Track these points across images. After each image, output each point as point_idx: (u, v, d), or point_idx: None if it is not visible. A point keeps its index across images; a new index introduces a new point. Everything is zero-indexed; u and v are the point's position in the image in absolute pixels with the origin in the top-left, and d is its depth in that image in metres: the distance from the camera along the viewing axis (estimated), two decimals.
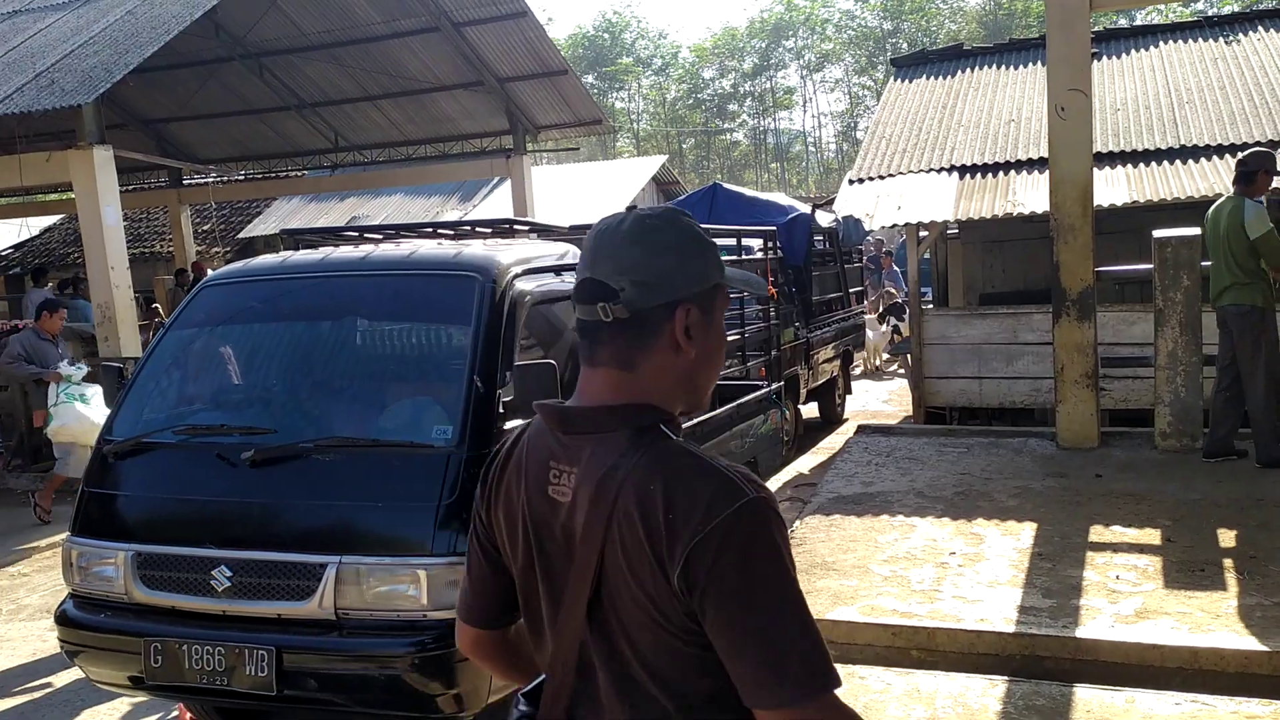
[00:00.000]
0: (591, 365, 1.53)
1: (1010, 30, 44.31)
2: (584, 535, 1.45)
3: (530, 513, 1.55)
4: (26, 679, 5.57)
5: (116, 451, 4.18)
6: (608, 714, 1.48)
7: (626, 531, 1.40)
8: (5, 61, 10.85)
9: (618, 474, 1.43)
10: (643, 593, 1.40)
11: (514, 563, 1.61)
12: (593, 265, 1.52)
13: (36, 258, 23.91)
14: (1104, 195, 8.82)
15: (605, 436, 1.47)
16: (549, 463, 1.53)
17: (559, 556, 1.51)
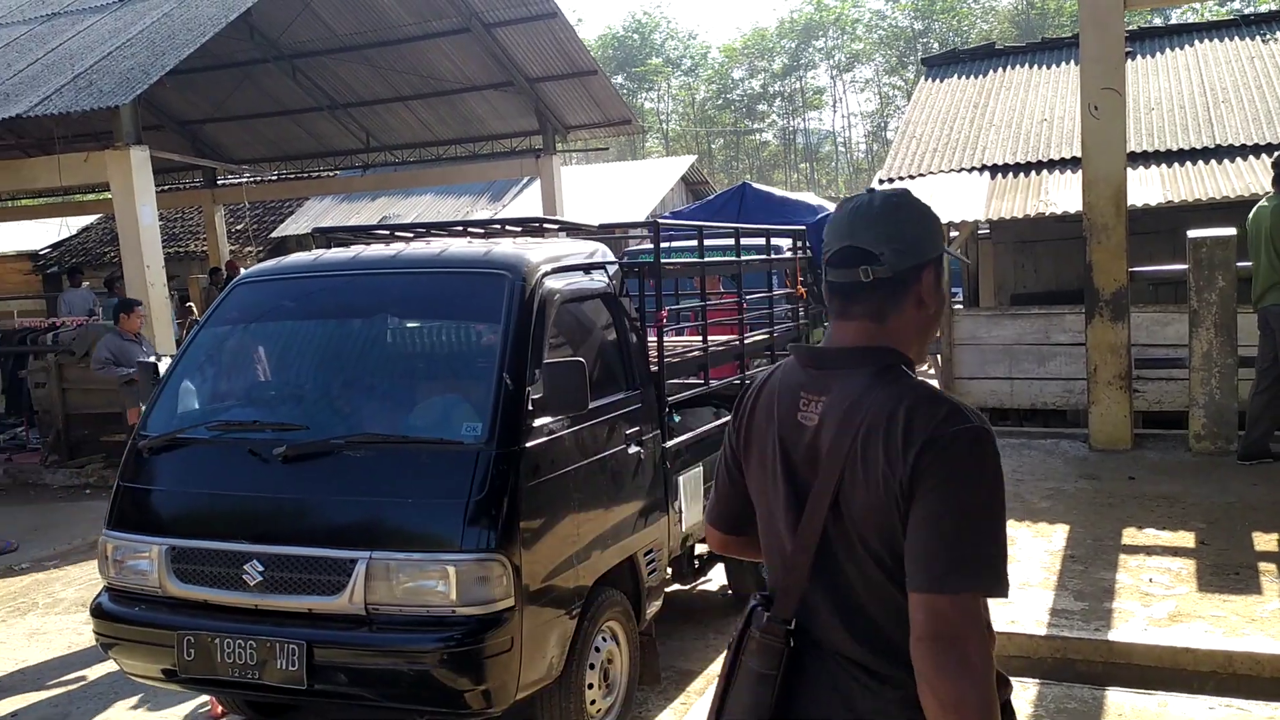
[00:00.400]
0: (844, 319, 1.82)
1: (1043, 30, 43.94)
2: (830, 451, 1.73)
3: (780, 435, 1.84)
4: (62, 671, 5.65)
5: (151, 447, 4.23)
6: (842, 598, 1.75)
7: (869, 446, 1.67)
8: (44, 63, 11.00)
9: (863, 401, 1.71)
10: (875, 497, 1.67)
11: (755, 479, 1.91)
12: (851, 235, 1.79)
13: (74, 257, 24.21)
14: (1138, 195, 8.74)
15: (852, 372, 1.77)
16: (799, 393, 1.82)
17: (803, 471, 1.79)
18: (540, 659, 3.81)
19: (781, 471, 1.83)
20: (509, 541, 3.65)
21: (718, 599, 6.29)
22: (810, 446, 1.78)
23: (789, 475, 1.82)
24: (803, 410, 1.80)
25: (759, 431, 1.91)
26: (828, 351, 1.83)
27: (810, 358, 1.85)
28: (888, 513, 1.66)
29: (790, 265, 7.45)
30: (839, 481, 1.71)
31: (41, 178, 11.40)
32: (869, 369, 1.75)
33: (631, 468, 4.50)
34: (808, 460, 1.79)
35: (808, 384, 1.82)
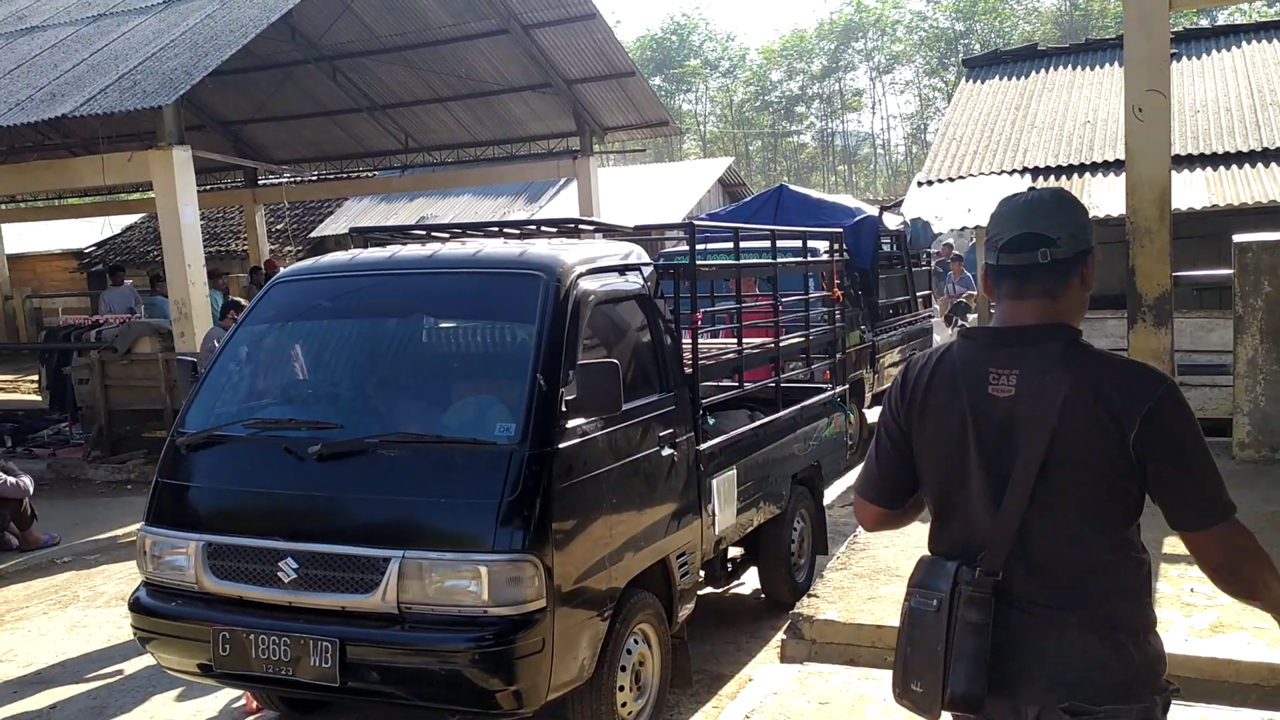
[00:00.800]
0: (1018, 298, 2.05)
1: (1086, 31, 43.43)
2: (1035, 417, 1.95)
3: (971, 408, 2.03)
4: (101, 664, 5.72)
5: (189, 444, 4.28)
6: (1035, 548, 1.98)
7: (1083, 412, 1.92)
8: (90, 64, 11.16)
9: (1059, 373, 1.95)
10: (1095, 457, 1.92)
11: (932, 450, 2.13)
12: (1028, 223, 2.04)
13: (118, 255, 24.59)
14: (1182, 198, 8.62)
15: (1040, 347, 2.00)
16: (987, 369, 2.03)
17: (996, 439, 2.01)
18: (572, 660, 3.81)
19: (974, 440, 2.04)
20: (541, 542, 3.65)
21: (750, 602, 6.26)
22: (1006, 417, 2.00)
23: (980, 443, 2.03)
24: (993, 384, 2.02)
25: (939, 406, 2.10)
26: (1010, 330, 2.05)
27: (993, 336, 2.08)
28: (1114, 466, 1.93)
29: (827, 268, 7.40)
30: (1049, 444, 1.94)
31: (86, 177, 11.57)
32: (1057, 343, 2.00)
33: (664, 470, 4.49)
34: (1003, 428, 2.00)
35: (995, 360, 2.03)
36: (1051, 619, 1.99)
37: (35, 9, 13.79)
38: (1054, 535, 1.99)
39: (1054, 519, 1.98)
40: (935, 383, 2.12)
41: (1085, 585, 1.99)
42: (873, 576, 5.46)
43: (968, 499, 2.07)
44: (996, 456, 2.01)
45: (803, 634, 4.99)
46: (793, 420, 6.11)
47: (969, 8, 55.13)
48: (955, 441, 2.07)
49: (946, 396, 2.09)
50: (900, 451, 2.20)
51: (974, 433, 2.04)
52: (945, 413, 2.09)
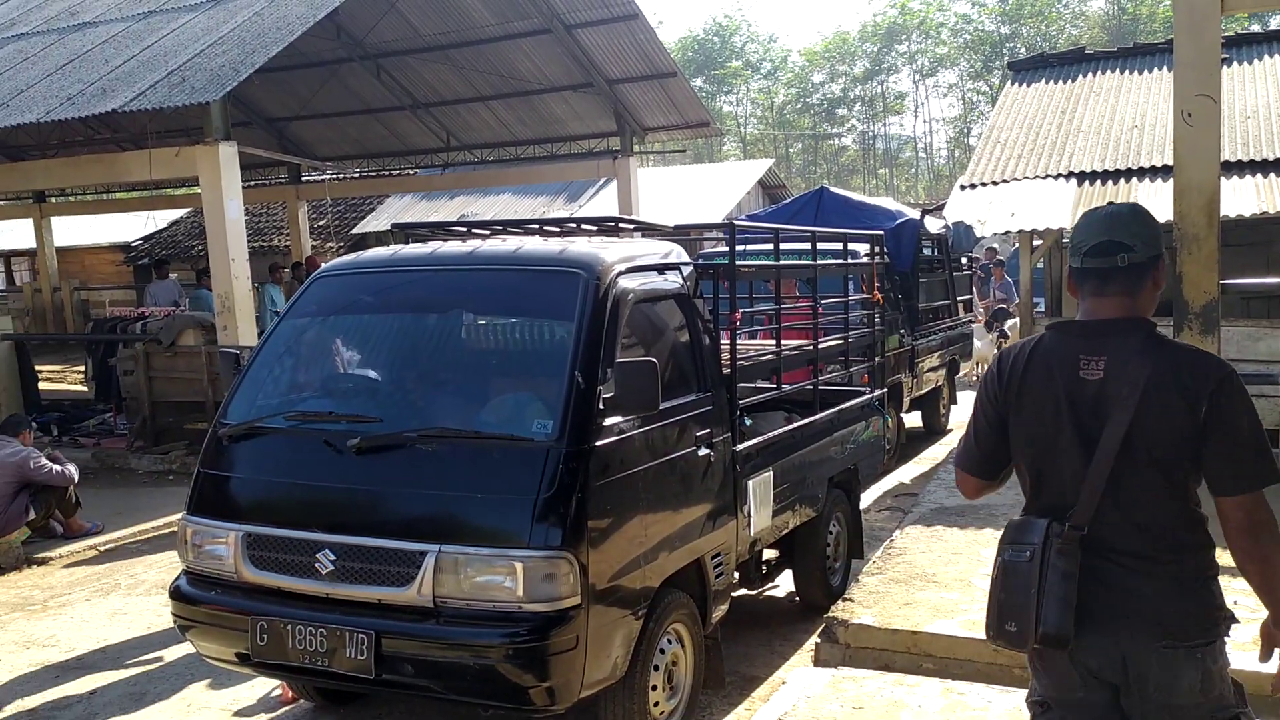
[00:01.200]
0: (1101, 296, 2.44)
1: (1134, 35, 42.83)
2: (1122, 396, 2.33)
3: (1065, 389, 2.42)
4: (141, 651, 5.80)
5: (230, 435, 4.32)
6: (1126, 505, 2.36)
7: (1166, 390, 2.31)
8: (139, 60, 11.31)
9: (1141, 358, 2.34)
10: (1170, 428, 2.31)
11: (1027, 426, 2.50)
12: (1109, 232, 2.42)
13: (163, 249, 24.94)
14: (1231, 205, 8.48)
15: (1123, 338, 2.39)
16: (1078, 356, 2.42)
17: (1088, 415, 2.39)
18: (605, 658, 3.81)
19: (1068, 416, 2.42)
20: (577, 540, 3.66)
21: (784, 605, 6.24)
22: (1096, 395, 2.39)
23: (1075, 419, 2.41)
24: (1084, 368, 2.41)
25: (1036, 389, 2.48)
26: (1095, 323, 2.45)
27: (1081, 329, 2.47)
28: (1186, 437, 2.31)
29: (867, 270, 7.36)
30: (1137, 417, 2.32)
31: (134, 171, 11.73)
32: (1138, 335, 2.39)
33: (701, 470, 4.48)
34: (1094, 405, 2.39)
35: (1084, 348, 2.43)
36: (1144, 569, 2.37)
37: (88, 5, 14.00)
38: (1138, 493, 2.37)
39: (1137, 478, 2.36)
40: (1031, 369, 2.50)
41: (1170, 538, 2.38)
42: (908, 582, 5.42)
43: (1060, 467, 2.45)
44: (1088, 429, 2.40)
45: (837, 638, 4.97)
46: (830, 423, 6.08)
47: (1014, 11, 54.58)
48: (1051, 418, 2.46)
49: (1043, 380, 2.47)
50: (998, 431, 2.58)
51: (1068, 410, 2.43)
52: (1042, 394, 2.47)
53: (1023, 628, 2.41)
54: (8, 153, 15.67)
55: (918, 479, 9.18)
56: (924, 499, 7.06)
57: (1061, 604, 2.34)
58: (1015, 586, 2.43)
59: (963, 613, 4.95)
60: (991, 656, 4.61)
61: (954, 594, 5.20)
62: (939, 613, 4.96)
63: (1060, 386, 2.44)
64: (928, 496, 7.08)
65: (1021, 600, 2.40)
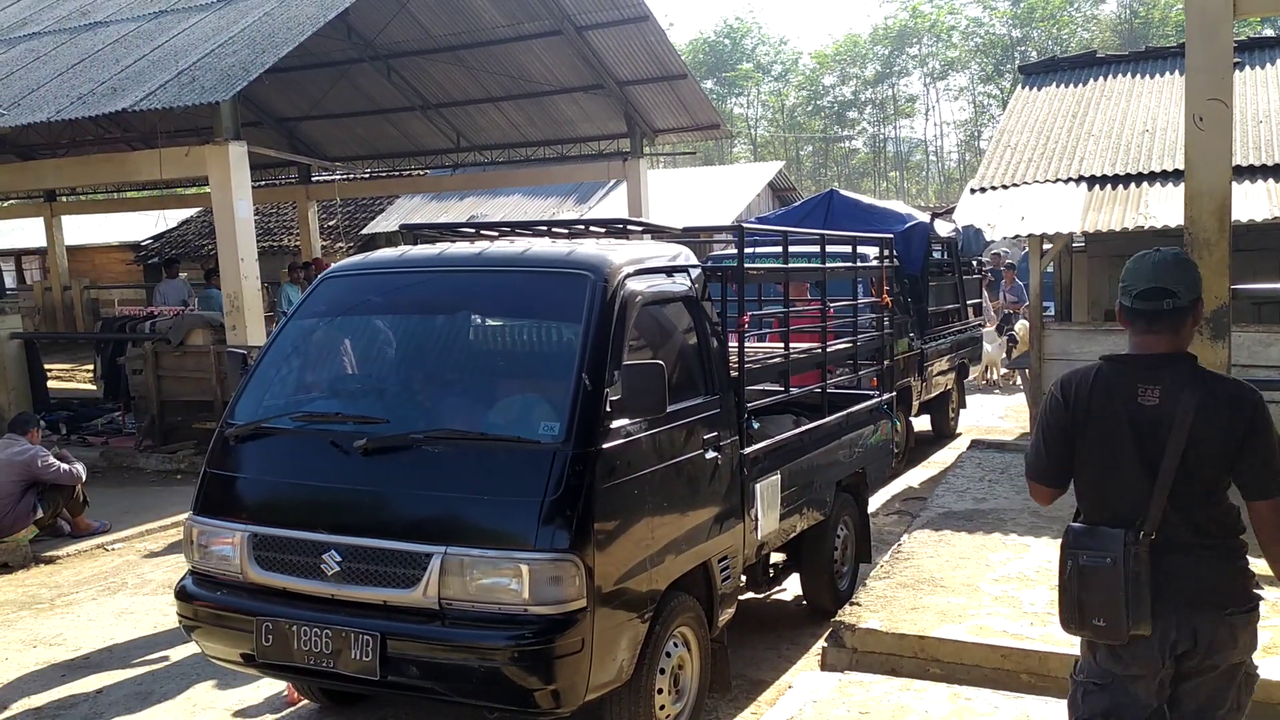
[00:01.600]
0: (1149, 334, 2.85)
1: (1146, 39, 42.69)
2: (1178, 419, 2.75)
3: (1127, 415, 2.83)
4: (147, 650, 5.81)
5: (237, 435, 4.32)
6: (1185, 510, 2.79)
7: (1212, 414, 2.75)
8: (150, 59, 11.34)
9: (1192, 386, 2.77)
10: (1218, 446, 2.75)
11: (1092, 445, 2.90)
12: (1156, 279, 2.83)
13: (173, 248, 25.01)
14: (1243, 210, 8.44)
15: (1174, 369, 2.82)
16: (1136, 385, 2.83)
17: (1147, 434, 2.81)
18: (610, 661, 3.80)
19: (1130, 436, 2.83)
20: (583, 542, 3.65)
21: (791, 609, 6.22)
22: (1153, 419, 2.80)
23: (1137, 439, 2.83)
24: (1141, 395, 2.82)
25: (1099, 413, 2.88)
26: (1147, 357, 2.86)
27: (1135, 362, 2.88)
28: (1228, 452, 2.76)
29: (876, 273, 7.34)
30: (1191, 437, 2.74)
31: (144, 171, 11.75)
32: (1185, 367, 2.83)
33: (708, 473, 4.47)
34: (1151, 425, 2.81)
35: (1140, 378, 2.84)
36: (1202, 558, 2.83)
37: (99, 5, 14.05)
38: (1192, 499, 2.82)
39: (1191, 487, 2.80)
40: (1095, 397, 2.90)
41: (1218, 531, 2.86)
42: (916, 586, 5.39)
43: (1123, 478, 2.86)
44: (1147, 448, 2.82)
45: (844, 642, 4.95)
46: (838, 426, 6.06)
47: (1026, 14, 54.45)
48: (1115, 439, 2.87)
49: (1105, 406, 2.88)
50: (1067, 449, 2.97)
51: (1130, 431, 2.84)
52: (1105, 418, 2.88)
53: (1113, 623, 2.82)
54: (19, 152, 15.72)
55: (926, 483, 9.15)
56: (932, 503, 7.03)
57: (1145, 603, 2.79)
58: (1099, 587, 2.84)
59: (970, 618, 4.92)
60: (999, 662, 4.59)
61: (961, 599, 5.17)
62: (946, 617, 4.94)
63: (1122, 411, 2.85)
64: (936, 501, 7.06)
65: (1107, 599, 2.82)
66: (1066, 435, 2.95)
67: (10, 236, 26.75)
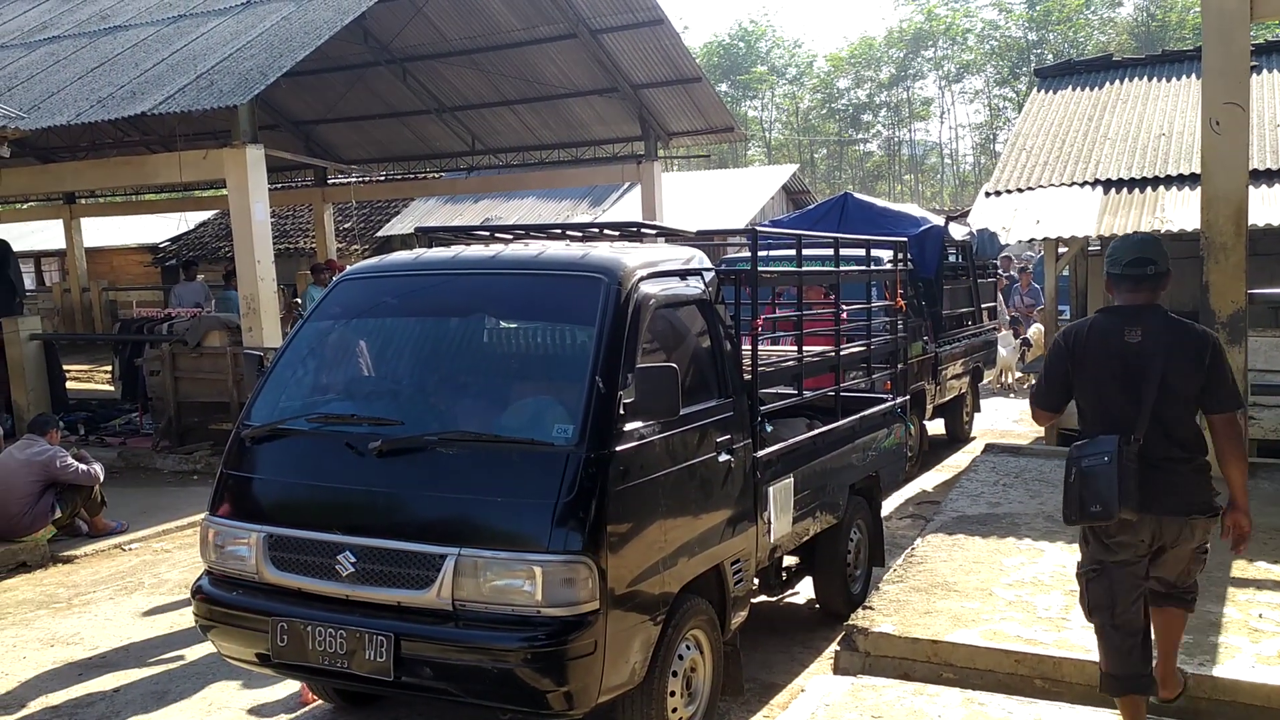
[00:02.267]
0: (1134, 292, 3.75)
1: (1163, 42, 42.45)
2: (1156, 354, 3.63)
3: (1118, 348, 3.70)
4: (164, 650, 5.85)
5: (253, 436, 4.35)
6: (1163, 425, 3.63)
7: (1184, 350, 3.64)
8: (169, 63, 11.43)
9: (1166, 329, 3.68)
10: (1186, 378, 3.63)
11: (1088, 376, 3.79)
12: (1141, 251, 3.76)
13: (191, 250, 25.15)
14: (1260, 214, 8.40)
15: (1152, 316, 3.71)
16: (1123, 328, 3.71)
17: (1133, 366, 3.67)
18: (623, 664, 3.81)
19: (1119, 365, 3.71)
20: (596, 544, 3.66)
21: (804, 612, 6.22)
22: (1136, 352, 3.69)
23: (1124, 369, 3.70)
24: (1127, 335, 3.71)
25: (1095, 350, 3.79)
26: (1133, 308, 3.77)
27: (1123, 311, 3.79)
28: (1195, 379, 3.66)
29: (890, 277, 7.33)
30: (1165, 366, 3.64)
31: (163, 173, 11.84)
32: (1161, 314, 3.75)
33: (721, 476, 4.47)
34: (1135, 356, 3.69)
35: (1126, 323, 3.74)
36: (1177, 471, 3.68)
37: (118, 9, 14.16)
38: (1170, 418, 3.68)
39: (1169, 408, 3.67)
40: (1091, 338, 3.82)
41: (1190, 446, 3.72)
42: (929, 590, 5.39)
43: (1114, 399, 3.74)
44: (1134, 376, 3.69)
45: (857, 646, 4.95)
46: (852, 430, 6.06)
47: (1042, 17, 54.23)
48: (1108, 368, 3.75)
49: (1100, 344, 3.79)
50: (1066, 381, 3.89)
51: (1119, 362, 3.72)
52: (1100, 353, 3.78)
53: (1107, 508, 3.59)
54: (39, 154, 15.85)
55: (940, 487, 9.13)
56: (946, 507, 7.02)
57: (1132, 492, 3.58)
58: (1098, 481, 3.60)
59: (984, 622, 4.91)
60: (1013, 667, 4.58)
61: (975, 603, 5.17)
62: (960, 622, 4.93)
63: (1113, 347, 3.74)
64: (950, 505, 7.04)
65: (1105, 489, 3.59)
66: (1065, 373, 3.87)
67: (30, 238, 26.93)
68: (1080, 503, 3.65)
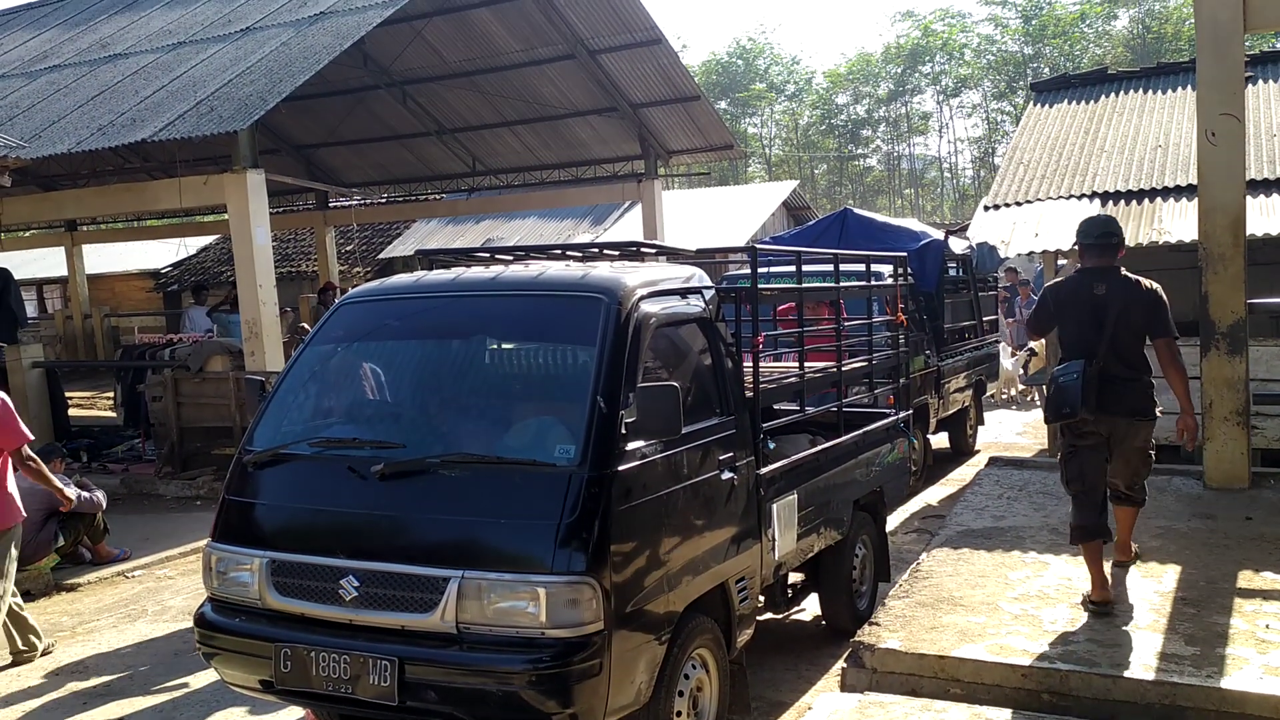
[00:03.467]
0: (1100, 258, 5.29)
1: (1159, 55, 42.49)
2: (1116, 302, 5.15)
3: (1088, 298, 5.21)
4: (168, 677, 5.83)
5: (255, 461, 4.35)
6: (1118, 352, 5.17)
7: (1134, 300, 5.19)
8: (169, 90, 11.48)
9: (1123, 285, 5.23)
10: (1136, 318, 5.21)
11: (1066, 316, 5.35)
12: (1106, 227, 5.35)
13: (193, 276, 25.22)
14: (1258, 224, 8.41)
15: (1113, 274, 5.26)
16: (1092, 283, 5.24)
17: (1100, 311, 5.16)
18: (629, 684, 3.79)
19: (1088, 310, 5.17)
20: (599, 565, 3.65)
21: (810, 629, 6.20)
22: (1103, 301, 5.14)
23: (1092, 310, 5.15)
24: (1095, 290, 5.18)
25: (1070, 299, 5.29)
26: (1098, 269, 5.25)
27: (1091, 273, 5.26)
28: (1143, 319, 5.18)
29: (890, 292, 7.34)
30: (1121, 310, 5.10)
31: (164, 199, 11.88)
32: (1118, 273, 5.23)
33: (724, 494, 4.47)
34: (1101, 303, 5.13)
35: (1094, 281, 5.21)
36: (1125, 384, 5.15)
37: (119, 37, 14.25)
38: (1124, 346, 5.14)
39: (1124, 338, 5.14)
40: (1065, 291, 5.38)
41: (1137, 368, 5.18)
42: (935, 605, 5.37)
43: (1084, 334, 5.19)
44: (1099, 316, 5.13)
45: (864, 663, 4.93)
46: (855, 445, 6.05)
47: (1038, 32, 54.45)
48: (1081, 312, 5.21)
49: (1073, 295, 5.29)
50: (1050, 321, 5.51)
51: (1089, 307, 5.16)
52: (1075, 301, 5.25)
53: (1073, 409, 5.09)
54: (40, 182, 15.92)
55: (945, 501, 9.11)
56: (951, 521, 7.00)
57: (1094, 397, 5.08)
58: (1068, 392, 5.10)
59: (990, 636, 4.89)
60: (1019, 682, 4.56)
61: (981, 618, 5.15)
62: (966, 637, 4.91)
63: (1084, 298, 5.22)
64: (955, 519, 7.02)
65: (1072, 397, 5.08)
66: (1050, 316, 5.49)
67: (32, 266, 27.02)
68: (1056, 406, 5.18)
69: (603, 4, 14.23)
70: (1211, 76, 6.97)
